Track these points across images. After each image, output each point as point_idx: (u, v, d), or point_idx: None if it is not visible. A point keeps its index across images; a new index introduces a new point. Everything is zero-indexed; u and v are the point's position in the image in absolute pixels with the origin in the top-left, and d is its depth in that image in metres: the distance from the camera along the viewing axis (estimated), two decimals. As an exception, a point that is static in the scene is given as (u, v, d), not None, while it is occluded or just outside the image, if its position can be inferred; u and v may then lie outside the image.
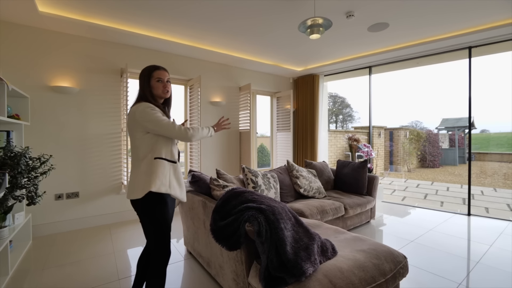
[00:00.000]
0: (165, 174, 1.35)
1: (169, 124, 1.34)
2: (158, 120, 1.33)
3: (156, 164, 1.34)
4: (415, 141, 8.73)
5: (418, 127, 13.65)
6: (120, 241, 2.69)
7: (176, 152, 1.47)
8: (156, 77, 1.43)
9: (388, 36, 3.35)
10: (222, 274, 1.75)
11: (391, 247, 1.56)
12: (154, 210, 1.34)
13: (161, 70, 1.46)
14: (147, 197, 1.31)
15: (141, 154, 1.37)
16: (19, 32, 2.74)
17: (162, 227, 1.38)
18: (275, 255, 1.22)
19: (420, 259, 2.26)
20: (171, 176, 1.38)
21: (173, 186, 1.37)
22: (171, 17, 2.79)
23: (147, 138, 1.36)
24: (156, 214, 1.35)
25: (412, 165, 8.67)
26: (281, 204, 1.47)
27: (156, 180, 1.30)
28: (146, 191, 1.30)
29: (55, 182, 2.92)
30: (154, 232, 1.38)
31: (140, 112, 1.34)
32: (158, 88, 1.43)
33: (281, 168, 3.13)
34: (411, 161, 8.61)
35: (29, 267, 2.16)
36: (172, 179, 1.38)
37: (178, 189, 1.41)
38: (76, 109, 3.05)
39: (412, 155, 8.68)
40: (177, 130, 1.35)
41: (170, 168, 1.39)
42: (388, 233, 2.90)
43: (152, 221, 1.36)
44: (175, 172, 1.41)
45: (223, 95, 4.31)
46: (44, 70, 2.87)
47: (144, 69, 1.47)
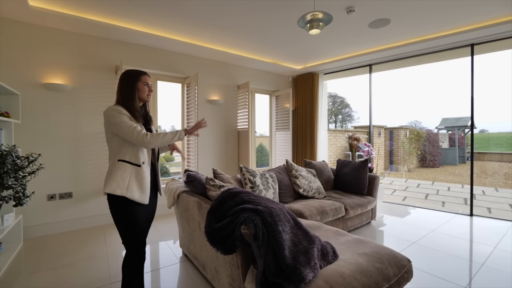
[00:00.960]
0: (124, 177, 1.38)
1: (129, 128, 1.36)
2: (120, 123, 1.36)
3: (117, 167, 1.39)
4: (415, 141, 8.67)
5: (417, 127, 13.61)
6: (114, 243, 2.61)
7: (145, 156, 1.48)
8: (144, 81, 1.50)
9: (389, 33, 3.29)
10: (218, 278, 1.68)
11: (394, 250, 1.48)
12: (116, 211, 1.40)
13: (147, 75, 1.53)
14: (109, 197, 1.40)
15: (110, 154, 1.46)
16: (9, 27, 2.66)
17: (132, 228, 1.41)
18: (272, 260, 1.14)
19: (422, 261, 2.19)
20: (131, 179, 1.39)
21: (131, 188, 1.38)
22: (167, 12, 2.71)
23: (115, 140, 1.42)
24: (119, 215, 1.40)
25: (412, 165, 8.61)
26: (279, 205, 1.40)
27: (112, 183, 1.36)
28: (104, 191, 1.38)
29: (47, 182, 2.84)
30: (124, 233, 1.42)
31: (107, 115, 1.39)
32: (144, 91, 1.50)
33: (280, 168, 3.05)
34: (411, 160, 8.55)
35: (19, 270, 2.08)
36: (132, 182, 1.39)
37: (138, 192, 1.41)
38: (69, 107, 2.96)
39: (412, 154, 8.63)
40: (135, 135, 1.36)
41: (132, 171, 1.41)
42: (389, 234, 2.83)
43: (116, 222, 1.42)
44: (136, 175, 1.42)
45: (221, 94, 4.23)
46: (36, 67, 2.79)
47: (130, 71, 1.50)
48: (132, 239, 1.42)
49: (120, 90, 1.47)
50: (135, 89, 1.46)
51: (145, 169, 1.46)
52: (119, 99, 1.46)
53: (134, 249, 1.43)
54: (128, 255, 1.44)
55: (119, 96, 1.47)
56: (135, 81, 1.46)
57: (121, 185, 1.35)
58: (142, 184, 1.43)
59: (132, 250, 1.43)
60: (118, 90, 1.49)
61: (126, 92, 1.45)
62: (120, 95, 1.46)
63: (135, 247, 1.43)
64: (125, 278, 1.45)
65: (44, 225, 2.83)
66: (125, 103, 1.44)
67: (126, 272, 1.44)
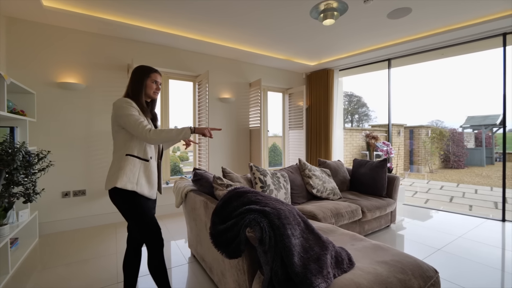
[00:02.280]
0: (134, 171, 1.38)
1: (136, 122, 1.35)
2: (128, 115, 1.36)
3: (126, 161, 1.38)
4: (437, 140, 8.20)
5: (439, 127, 12.92)
6: (124, 241, 2.60)
7: (152, 151, 1.50)
8: (153, 78, 1.52)
9: (410, 24, 3.07)
10: (224, 282, 1.59)
11: (418, 259, 1.33)
12: (126, 205, 1.38)
13: (158, 73, 1.54)
14: (117, 192, 1.36)
15: (116, 147, 1.44)
16: (24, 28, 2.72)
17: (144, 220, 1.40)
18: (280, 267, 1.04)
19: (449, 270, 2.00)
20: (140, 174, 1.40)
21: (140, 183, 1.39)
22: (176, 9, 2.67)
23: (122, 133, 1.41)
24: (135, 209, 1.38)
25: (435, 166, 8.14)
26: (288, 207, 1.29)
27: (123, 177, 1.34)
28: (112, 185, 1.34)
29: (62, 180, 2.89)
30: (137, 226, 1.40)
31: (117, 107, 1.39)
32: (151, 88, 1.51)
33: (292, 167, 2.93)
34: (434, 161, 8.09)
35: (31, 266, 2.10)
36: (141, 177, 1.40)
37: (147, 187, 1.42)
38: (82, 106, 3.00)
39: (434, 155, 8.16)
40: (140, 129, 1.34)
41: (141, 166, 1.42)
42: (411, 239, 2.62)
43: (132, 216, 1.40)
44: (145, 170, 1.43)
45: (232, 92, 4.16)
46: (51, 66, 2.84)
47: (141, 67, 1.52)
48: (149, 227, 1.41)
49: (130, 83, 1.51)
50: (143, 85, 1.49)
51: (153, 164, 1.48)
52: (128, 92, 1.49)
53: (153, 235, 1.41)
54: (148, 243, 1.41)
55: (128, 89, 1.50)
56: (145, 77, 1.49)
57: (131, 180, 1.36)
58: (150, 179, 1.44)
59: (151, 237, 1.41)
60: (128, 84, 1.52)
61: (135, 87, 1.48)
62: (129, 88, 1.49)
63: (153, 233, 1.42)
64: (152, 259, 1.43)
65: (59, 221, 2.88)
66: (133, 97, 1.46)
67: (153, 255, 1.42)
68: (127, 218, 1.42)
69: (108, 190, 1.38)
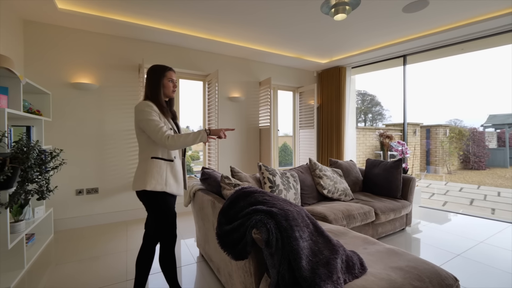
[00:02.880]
0: (161, 173, 1.44)
1: (155, 128, 1.38)
2: (148, 120, 1.39)
3: (152, 164, 1.43)
4: (456, 140, 7.84)
5: (458, 126, 12.37)
6: (135, 239, 2.63)
7: (175, 151, 1.54)
8: (169, 77, 1.52)
9: (427, 17, 2.92)
10: (232, 284, 1.56)
11: (436, 266, 1.24)
12: (156, 204, 1.44)
13: (173, 71, 1.55)
14: (146, 193, 1.42)
15: (140, 149, 1.49)
16: (40, 30, 2.81)
17: (167, 217, 1.47)
18: (287, 271, 0.99)
19: (470, 278, 1.88)
20: (167, 174, 1.46)
21: (169, 183, 1.45)
22: (185, 8, 2.67)
23: (144, 136, 1.45)
24: (160, 208, 1.45)
25: (453, 167, 7.79)
26: (297, 208, 1.24)
27: (151, 180, 1.40)
28: (142, 188, 1.40)
29: (75, 178, 2.96)
30: (159, 221, 1.46)
31: (138, 110, 1.42)
32: (169, 87, 1.52)
33: (303, 167, 2.86)
34: (452, 162, 7.74)
35: (46, 261, 2.16)
36: (169, 177, 1.46)
37: (175, 186, 1.49)
38: (95, 106, 3.07)
39: (453, 155, 7.81)
40: (159, 136, 1.38)
41: (167, 167, 1.47)
42: (427, 244, 2.50)
43: (157, 213, 1.46)
44: (172, 170, 1.49)
45: (242, 91, 4.14)
46: (65, 67, 2.92)
47: (156, 66, 1.52)
48: (170, 224, 1.49)
49: (147, 85, 1.51)
50: (161, 85, 1.49)
51: (177, 163, 1.54)
52: (147, 94, 1.51)
53: (171, 231, 1.49)
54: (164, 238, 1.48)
55: (146, 90, 1.51)
56: (161, 77, 1.50)
57: (160, 182, 1.42)
58: (177, 178, 1.51)
59: (168, 233, 1.49)
60: (145, 85, 1.53)
61: (153, 88, 1.49)
62: (147, 90, 1.50)
63: (171, 229, 1.50)
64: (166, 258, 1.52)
65: (73, 218, 2.95)
66: (152, 98, 1.48)
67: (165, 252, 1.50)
68: (151, 215, 1.49)
69: (136, 191, 1.44)
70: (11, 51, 2.47)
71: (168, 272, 1.54)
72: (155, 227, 1.50)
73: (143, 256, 1.55)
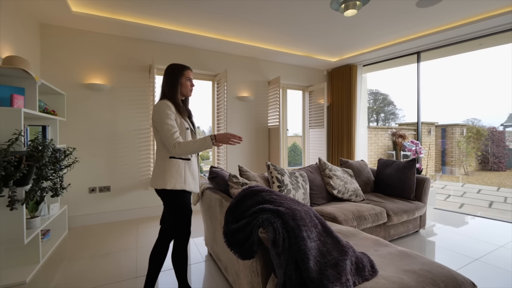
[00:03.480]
0: (179, 172, 1.46)
1: (168, 132, 1.39)
2: (163, 124, 1.40)
3: (171, 164, 1.45)
4: (474, 140, 7.53)
5: (476, 125, 11.86)
6: (144, 236, 2.67)
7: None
8: (187, 76, 1.53)
9: (442, 12, 2.82)
10: (239, 283, 1.55)
11: (452, 270, 1.19)
12: (175, 202, 1.48)
13: (190, 70, 1.56)
14: (166, 192, 1.46)
15: (158, 148, 1.51)
16: (55, 33, 2.90)
17: (184, 214, 1.51)
18: (294, 271, 0.97)
19: (488, 284, 1.79)
20: (186, 173, 1.48)
21: (188, 182, 1.48)
22: (194, 8, 2.68)
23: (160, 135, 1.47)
24: (179, 205, 1.49)
25: (471, 167, 7.49)
26: (305, 207, 1.21)
27: (171, 179, 1.43)
28: (162, 187, 1.43)
29: (88, 176, 3.04)
30: (177, 218, 1.50)
31: (155, 110, 1.43)
32: (187, 86, 1.54)
33: (312, 167, 2.82)
34: (469, 162, 7.44)
35: (60, 256, 2.22)
36: (188, 176, 1.49)
37: (193, 184, 1.52)
38: (107, 106, 3.13)
39: (470, 155, 7.50)
40: (169, 142, 1.39)
41: (185, 166, 1.49)
42: (442, 247, 2.40)
43: (175, 210, 1.49)
44: (190, 169, 1.51)
45: (250, 90, 4.13)
46: (79, 68, 3.00)
47: (174, 65, 1.53)
48: (186, 221, 1.53)
49: (164, 83, 1.51)
50: (178, 84, 1.50)
51: (194, 161, 1.57)
52: (164, 92, 1.51)
53: (186, 228, 1.54)
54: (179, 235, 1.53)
55: (164, 89, 1.51)
56: (179, 76, 1.50)
57: (179, 180, 1.45)
58: (194, 175, 1.55)
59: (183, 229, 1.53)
60: (163, 84, 1.53)
61: (170, 87, 1.49)
62: (165, 88, 1.51)
63: (187, 226, 1.54)
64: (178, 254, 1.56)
65: (86, 215, 3.03)
66: (169, 97, 1.49)
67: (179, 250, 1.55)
68: (169, 211, 1.51)
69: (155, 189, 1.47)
70: (29, 53, 2.56)
71: (179, 268, 1.56)
72: (172, 223, 1.52)
73: (157, 251, 1.57)
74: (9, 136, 1.73)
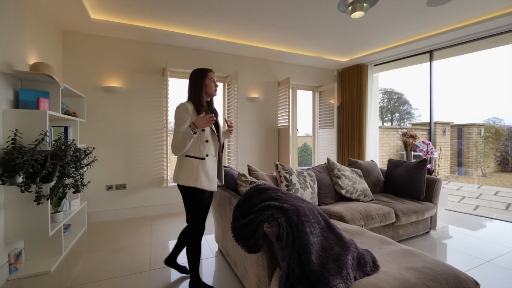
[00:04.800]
0: (192, 170, 1.58)
1: (177, 132, 1.53)
2: (177, 124, 1.55)
3: (186, 162, 1.61)
4: (493, 140, 7.25)
5: (497, 125, 11.34)
6: (158, 232, 2.79)
7: (208, 149, 1.65)
8: (210, 77, 1.67)
9: (454, 10, 2.77)
10: (247, 277, 1.62)
11: (456, 268, 1.20)
12: (187, 197, 1.63)
13: (213, 72, 1.70)
14: (180, 186, 1.62)
15: None
16: (75, 39, 3.08)
17: (195, 209, 1.64)
18: (297, 264, 1.03)
19: (498, 285, 1.76)
20: (199, 171, 1.59)
21: (200, 180, 1.58)
22: (205, 12, 2.78)
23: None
24: (189, 200, 1.63)
25: (489, 169, 7.22)
26: (309, 205, 1.26)
27: (183, 176, 1.59)
28: (176, 182, 1.61)
29: (106, 174, 3.20)
30: (188, 211, 1.67)
31: (175, 113, 1.58)
32: (211, 86, 1.66)
33: (320, 167, 2.85)
34: (487, 163, 7.17)
35: (80, 250, 2.37)
36: (201, 174, 1.58)
37: (206, 182, 1.61)
38: (123, 107, 3.29)
39: (489, 156, 7.23)
40: (172, 141, 1.54)
41: (199, 165, 1.60)
42: (453, 248, 2.38)
43: (186, 204, 1.66)
44: (203, 167, 1.61)
45: (260, 91, 4.19)
46: (97, 72, 3.17)
47: (198, 69, 1.68)
48: (198, 217, 1.66)
49: (190, 87, 1.67)
50: (203, 85, 1.64)
51: (209, 161, 1.65)
52: (190, 96, 1.66)
53: (197, 223, 1.66)
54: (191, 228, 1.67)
55: (190, 93, 1.66)
56: (203, 78, 1.64)
57: (191, 178, 1.57)
58: (208, 174, 1.63)
59: (195, 224, 1.66)
60: (188, 88, 1.68)
61: (195, 89, 1.64)
62: (190, 92, 1.66)
63: (198, 222, 1.66)
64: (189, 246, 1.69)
65: (104, 212, 3.19)
66: (194, 99, 1.63)
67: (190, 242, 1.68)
68: (186, 207, 1.67)
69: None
70: (52, 58, 2.74)
71: (188, 259, 1.68)
72: (188, 219, 1.69)
73: (183, 232, 1.89)
74: (36, 136, 1.88)
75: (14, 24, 1.98)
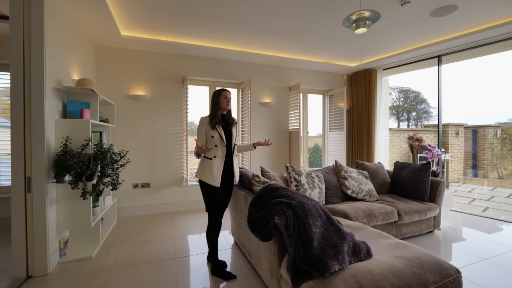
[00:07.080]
0: (203, 167, 2.02)
1: (196, 142, 1.95)
2: (197, 133, 2.07)
3: (201, 161, 2.07)
4: (509, 142, 7.12)
5: (515, 125, 10.99)
6: (180, 226, 3.10)
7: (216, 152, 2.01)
8: (223, 95, 2.07)
9: (459, 19, 2.89)
10: (260, 264, 1.87)
11: (441, 259, 1.40)
12: (200, 188, 2.06)
13: (227, 91, 2.09)
14: (199, 180, 2.05)
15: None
16: (107, 52, 3.45)
17: (207, 202, 2.04)
18: (302, 249, 1.27)
19: (493, 281, 1.91)
20: (205, 168, 2.00)
21: (205, 175, 1.99)
22: (222, 25, 3.05)
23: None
24: (201, 191, 2.06)
25: (506, 171, 7.09)
26: (313, 202, 1.50)
27: (198, 171, 2.05)
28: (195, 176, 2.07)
29: (133, 174, 3.55)
30: (204, 200, 2.06)
31: (199, 122, 2.07)
32: (223, 103, 2.06)
33: (328, 168, 3.05)
34: (504, 165, 7.05)
35: (112, 240, 2.71)
36: (206, 170, 2.00)
37: (209, 178, 1.98)
38: (148, 113, 3.63)
39: (505, 158, 7.11)
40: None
41: (206, 163, 2.02)
42: (455, 246, 2.52)
43: (202, 194, 2.06)
44: (209, 166, 2.00)
45: (272, 96, 4.43)
46: (125, 82, 3.52)
47: (216, 90, 2.10)
48: (208, 207, 2.05)
49: (210, 104, 2.12)
50: (218, 102, 2.05)
51: (215, 161, 2.01)
52: (210, 110, 2.08)
53: (211, 217, 2.05)
54: (208, 222, 2.07)
55: (210, 108, 2.11)
56: (218, 97, 2.05)
57: (201, 172, 2.02)
58: (212, 171, 1.99)
59: (210, 217, 2.05)
60: (210, 104, 2.20)
61: (212, 105, 2.06)
62: (210, 108, 2.10)
63: (210, 214, 2.05)
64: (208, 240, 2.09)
65: (131, 207, 3.55)
66: (211, 112, 2.06)
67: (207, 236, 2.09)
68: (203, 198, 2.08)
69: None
70: (89, 72, 3.11)
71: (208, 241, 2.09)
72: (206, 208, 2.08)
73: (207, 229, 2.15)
74: (81, 141, 2.21)
75: (58, 43, 2.31)
